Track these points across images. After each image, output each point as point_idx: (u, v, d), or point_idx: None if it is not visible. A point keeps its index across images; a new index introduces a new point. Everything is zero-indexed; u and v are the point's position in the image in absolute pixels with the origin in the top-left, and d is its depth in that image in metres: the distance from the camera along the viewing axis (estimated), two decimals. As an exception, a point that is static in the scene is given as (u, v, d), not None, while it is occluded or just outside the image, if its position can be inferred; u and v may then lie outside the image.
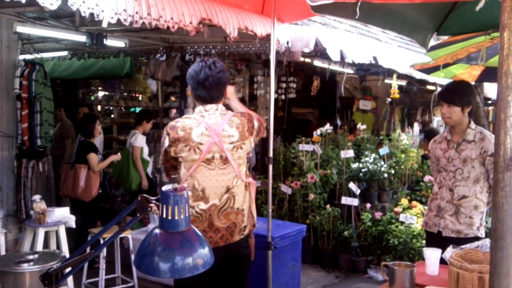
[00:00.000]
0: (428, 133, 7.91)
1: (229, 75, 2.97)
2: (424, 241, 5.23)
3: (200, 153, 2.71)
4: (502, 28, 1.30)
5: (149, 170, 6.66)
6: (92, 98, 10.62)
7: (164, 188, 1.46)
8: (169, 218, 1.43)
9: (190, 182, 2.73)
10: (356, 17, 2.45)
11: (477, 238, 3.17)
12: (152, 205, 1.53)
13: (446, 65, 5.17)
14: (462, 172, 3.34)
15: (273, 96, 4.22)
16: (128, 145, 6.43)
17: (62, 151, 7.34)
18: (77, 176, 5.42)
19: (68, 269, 1.72)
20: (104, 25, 3.35)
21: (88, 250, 1.73)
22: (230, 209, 2.78)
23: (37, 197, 4.69)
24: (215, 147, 2.74)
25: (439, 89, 9.84)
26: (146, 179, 6.35)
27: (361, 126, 7.73)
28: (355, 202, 5.89)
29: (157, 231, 1.47)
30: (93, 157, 5.49)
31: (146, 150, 6.55)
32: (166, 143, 2.75)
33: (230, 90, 3.03)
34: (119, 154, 6.07)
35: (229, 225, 2.78)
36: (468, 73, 5.92)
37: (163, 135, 2.81)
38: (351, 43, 6.18)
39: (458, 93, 3.38)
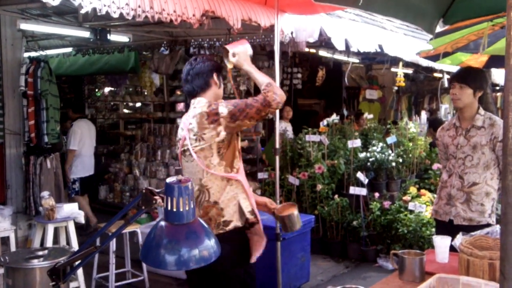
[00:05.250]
0: (433, 123, 7.87)
1: (215, 63, 2.93)
2: (433, 229, 5.21)
3: (179, 147, 2.84)
4: (509, 7, 1.27)
5: None
6: (98, 94, 10.65)
7: (168, 179, 1.45)
8: (174, 210, 1.42)
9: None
10: (359, 4, 2.42)
11: (489, 225, 3.13)
12: (156, 197, 1.52)
13: (446, 54, 5.12)
14: (472, 158, 3.29)
15: (278, 87, 4.20)
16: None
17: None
18: None
19: (76, 263, 1.72)
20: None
21: (97, 243, 1.73)
22: (207, 203, 2.71)
23: (45, 193, 4.71)
24: (186, 140, 2.75)
25: (446, 76, 9.78)
26: None
27: (368, 116, 7.70)
28: (363, 191, 5.86)
29: (163, 223, 1.46)
30: None
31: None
32: None
33: (239, 57, 2.84)
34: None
35: (205, 220, 2.57)
36: (475, 59, 5.86)
37: None
38: (356, 32, 6.14)
39: (471, 75, 3.35)
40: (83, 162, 6.91)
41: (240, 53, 2.89)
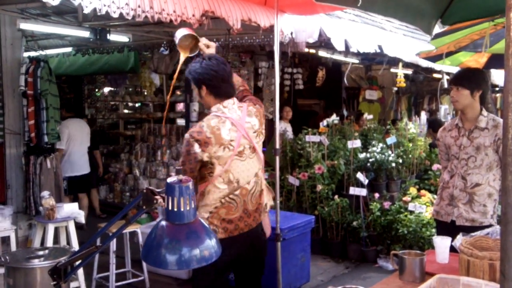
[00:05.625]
0: (433, 123, 7.88)
1: None
2: (433, 230, 5.21)
3: (233, 149, 2.79)
4: (508, 8, 1.27)
5: None
6: (98, 94, 10.65)
7: (169, 179, 1.45)
8: (175, 209, 1.42)
9: (225, 177, 2.80)
10: (358, 5, 2.42)
11: (491, 227, 3.13)
12: (157, 197, 1.53)
13: (449, 54, 5.12)
14: (475, 159, 3.29)
15: (278, 87, 4.20)
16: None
17: None
18: None
19: (76, 263, 1.72)
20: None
21: (98, 243, 1.73)
22: (258, 192, 2.95)
23: (46, 193, 4.72)
24: (243, 139, 2.84)
25: (446, 77, 9.79)
26: None
27: (367, 116, 7.71)
28: (363, 192, 5.87)
29: (164, 223, 1.46)
30: None
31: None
32: (197, 149, 2.71)
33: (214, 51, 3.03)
34: None
35: (257, 207, 2.96)
36: (475, 60, 5.86)
37: (188, 143, 2.73)
38: (356, 33, 6.14)
39: (467, 77, 3.35)
40: (71, 162, 6.87)
41: (214, 46, 3.02)
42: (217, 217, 2.80)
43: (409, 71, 10.60)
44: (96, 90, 10.68)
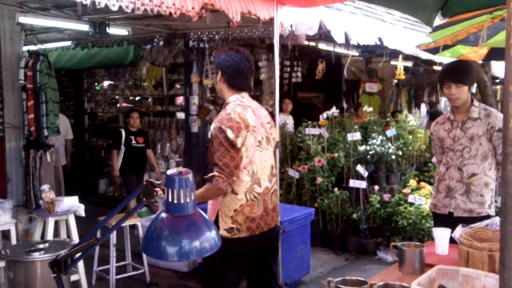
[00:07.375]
0: (434, 116, 7.87)
1: None
2: (433, 222, 5.22)
3: (255, 136, 2.78)
4: (509, -1, 1.27)
5: None
6: (97, 87, 10.62)
7: (169, 171, 1.45)
8: (175, 201, 1.43)
9: (249, 168, 2.76)
10: (360, -4, 2.41)
11: (489, 217, 3.13)
12: (157, 189, 1.53)
13: (446, 47, 5.10)
14: (470, 150, 3.30)
15: (277, 80, 4.19)
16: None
17: None
18: None
19: (77, 256, 1.72)
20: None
21: (98, 236, 1.73)
22: (274, 191, 2.97)
23: (46, 187, 4.72)
24: (261, 128, 2.84)
25: (445, 69, 9.75)
26: None
27: (367, 108, 7.69)
28: (363, 184, 5.87)
29: (164, 215, 1.47)
30: None
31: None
32: (231, 135, 2.64)
33: None
34: None
35: (274, 206, 2.95)
36: (475, 52, 5.84)
37: (221, 131, 2.65)
38: (356, 25, 6.12)
39: (464, 72, 3.33)
40: None
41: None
42: (241, 215, 2.72)
43: (409, 64, 10.57)
44: (96, 83, 10.65)
